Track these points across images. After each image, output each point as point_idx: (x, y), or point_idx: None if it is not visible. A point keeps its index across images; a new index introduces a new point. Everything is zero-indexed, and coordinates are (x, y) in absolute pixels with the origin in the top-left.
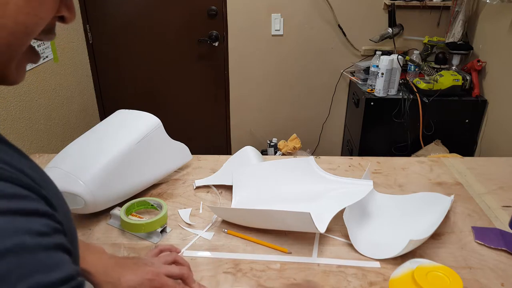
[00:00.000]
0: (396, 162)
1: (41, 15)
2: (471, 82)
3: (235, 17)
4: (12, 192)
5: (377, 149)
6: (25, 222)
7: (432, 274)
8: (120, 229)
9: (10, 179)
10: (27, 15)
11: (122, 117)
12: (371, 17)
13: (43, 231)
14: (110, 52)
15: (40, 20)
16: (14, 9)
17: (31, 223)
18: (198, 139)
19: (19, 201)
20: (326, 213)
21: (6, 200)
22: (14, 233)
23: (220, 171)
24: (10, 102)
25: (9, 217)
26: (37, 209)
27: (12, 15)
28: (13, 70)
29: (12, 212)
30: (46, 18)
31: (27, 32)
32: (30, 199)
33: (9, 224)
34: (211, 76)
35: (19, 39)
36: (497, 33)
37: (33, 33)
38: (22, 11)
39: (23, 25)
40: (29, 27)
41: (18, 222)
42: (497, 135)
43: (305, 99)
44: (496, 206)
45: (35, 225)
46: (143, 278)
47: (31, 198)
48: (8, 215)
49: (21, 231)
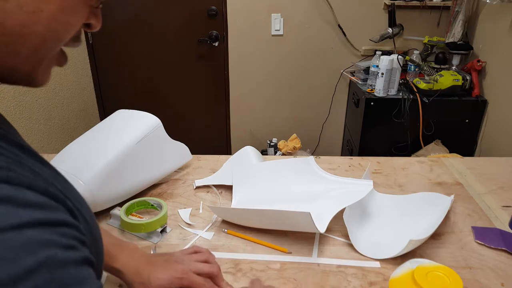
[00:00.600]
0: (396, 162)
1: (72, 23)
2: (471, 82)
3: (235, 17)
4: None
5: (377, 149)
6: (55, 235)
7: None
8: (120, 229)
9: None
10: (59, 22)
11: (122, 117)
12: (371, 17)
13: (71, 245)
14: (110, 52)
15: (71, 27)
16: (47, 17)
17: (60, 236)
18: (198, 139)
19: (48, 212)
20: (326, 213)
21: (36, 210)
22: (46, 246)
23: (220, 171)
24: (10, 102)
25: (40, 229)
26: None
27: (45, 22)
28: (40, 73)
29: (42, 223)
30: (77, 26)
31: (58, 39)
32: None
33: (40, 236)
34: (211, 76)
35: (49, 46)
36: (497, 33)
37: (63, 40)
38: (55, 19)
39: (54, 33)
40: (60, 34)
41: (49, 234)
42: (497, 135)
43: (305, 99)
44: (496, 206)
45: (64, 237)
46: (172, 277)
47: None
48: (38, 227)
49: (52, 244)
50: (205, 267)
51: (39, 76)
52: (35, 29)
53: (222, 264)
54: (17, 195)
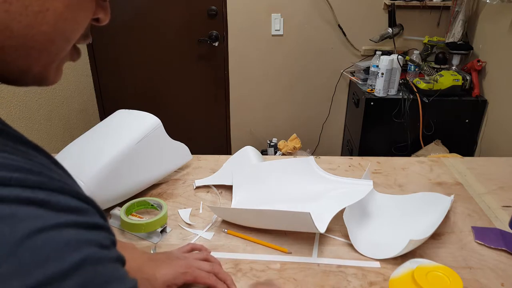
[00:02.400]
0: (396, 162)
1: (79, 20)
2: (471, 82)
3: (235, 17)
4: (74, 206)
5: (377, 149)
6: (91, 235)
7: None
8: (120, 229)
9: (70, 193)
10: (66, 21)
11: (122, 117)
12: (371, 17)
13: (106, 244)
14: (110, 52)
15: (79, 25)
16: (53, 16)
17: (96, 236)
18: (198, 139)
19: (83, 215)
20: (326, 213)
21: (71, 214)
22: (86, 244)
23: (220, 171)
24: (10, 102)
25: (78, 230)
26: (98, 223)
27: (52, 21)
28: (52, 73)
29: (78, 225)
30: (85, 22)
31: (67, 38)
32: (91, 212)
33: (79, 235)
34: (211, 76)
35: (59, 46)
36: (497, 33)
37: (72, 39)
38: (61, 17)
39: (62, 32)
40: (68, 32)
41: (86, 234)
42: (497, 135)
43: (305, 99)
44: (496, 206)
45: (99, 238)
46: (177, 272)
47: (92, 212)
48: (75, 228)
49: (91, 243)
50: (207, 265)
51: (51, 75)
52: (42, 30)
53: (222, 264)
54: (52, 199)
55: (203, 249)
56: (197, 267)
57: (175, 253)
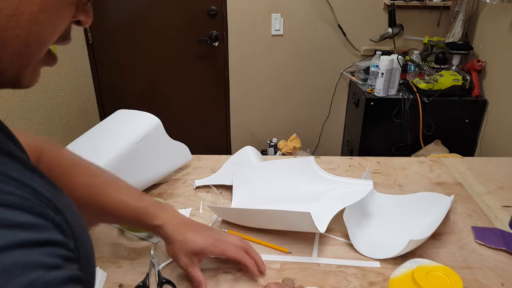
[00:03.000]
0: (396, 162)
1: (56, 24)
2: (471, 82)
3: (235, 17)
4: (27, 222)
5: (377, 149)
6: (39, 255)
7: (432, 274)
8: (120, 229)
9: (24, 208)
10: (42, 25)
11: (122, 117)
12: (371, 17)
13: (57, 264)
14: (110, 52)
15: (55, 29)
16: (27, 19)
17: (46, 256)
18: (198, 139)
19: (34, 232)
20: (326, 213)
21: (21, 231)
22: (31, 268)
23: (220, 171)
24: (10, 102)
25: (24, 250)
26: (50, 239)
27: (26, 25)
28: (27, 76)
29: (27, 244)
30: (62, 26)
31: (42, 42)
32: (43, 228)
33: (24, 257)
34: (211, 76)
35: (33, 49)
36: (497, 33)
37: (48, 42)
38: (36, 21)
39: (37, 35)
40: (44, 36)
41: (33, 255)
42: (497, 135)
43: (305, 99)
44: (496, 206)
45: (50, 257)
46: (207, 242)
47: (44, 227)
48: (23, 248)
49: (38, 266)
50: (237, 240)
51: (27, 78)
52: (16, 33)
53: (222, 264)
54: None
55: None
56: (227, 241)
57: (210, 227)
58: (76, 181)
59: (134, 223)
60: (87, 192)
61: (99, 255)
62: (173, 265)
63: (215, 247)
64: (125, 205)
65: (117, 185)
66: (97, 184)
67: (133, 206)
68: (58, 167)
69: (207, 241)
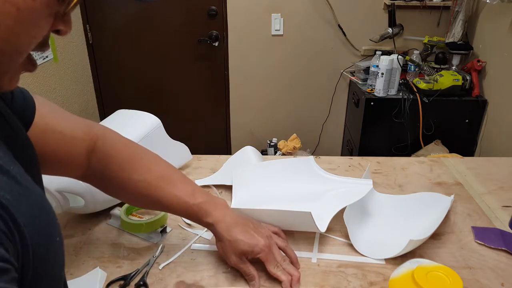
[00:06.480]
0: (396, 162)
1: (33, 35)
2: (471, 82)
3: (235, 17)
4: None
5: (377, 149)
6: None
7: (432, 274)
8: (120, 229)
9: None
10: (19, 35)
11: (122, 117)
12: (371, 17)
13: None
14: (110, 52)
15: (33, 39)
16: (4, 30)
17: None
18: (198, 139)
19: None
20: (326, 213)
21: None
22: None
23: (220, 171)
24: None
25: None
26: None
27: (3, 36)
28: (6, 82)
29: None
30: (39, 36)
31: (19, 51)
32: None
33: None
34: (211, 76)
35: (11, 58)
36: (497, 33)
37: (25, 52)
38: (13, 32)
39: (14, 45)
40: (21, 46)
41: None
42: (497, 135)
43: (305, 99)
44: (496, 206)
45: None
46: (255, 246)
47: None
48: None
49: None
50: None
51: (5, 84)
52: None
53: (222, 264)
54: None
55: (285, 239)
56: (273, 251)
57: (264, 227)
58: (134, 176)
59: (188, 218)
60: (142, 185)
61: (99, 255)
62: (174, 267)
63: (261, 254)
64: (179, 201)
65: (173, 179)
66: (153, 179)
67: (186, 202)
68: (118, 156)
69: (257, 245)
